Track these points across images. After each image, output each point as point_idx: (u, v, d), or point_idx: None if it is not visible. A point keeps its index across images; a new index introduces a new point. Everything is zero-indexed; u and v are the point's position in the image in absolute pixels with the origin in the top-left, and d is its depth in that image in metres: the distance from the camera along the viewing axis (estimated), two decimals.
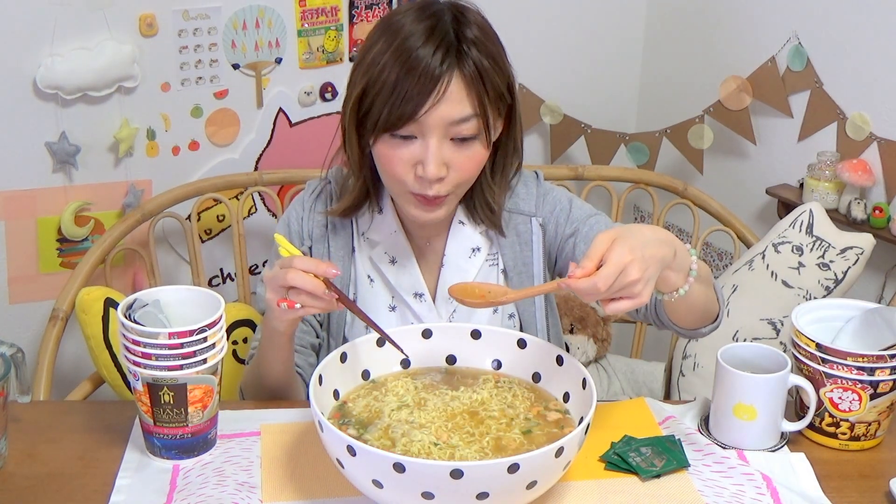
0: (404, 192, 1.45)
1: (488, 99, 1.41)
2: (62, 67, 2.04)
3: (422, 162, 1.40)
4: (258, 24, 2.26)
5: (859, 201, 2.22)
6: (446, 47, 1.38)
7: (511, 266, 1.58)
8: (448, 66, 1.38)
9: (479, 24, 1.44)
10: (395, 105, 1.38)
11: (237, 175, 2.23)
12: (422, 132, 1.40)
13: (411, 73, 1.37)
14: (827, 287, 2.07)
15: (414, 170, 1.42)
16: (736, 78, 2.46)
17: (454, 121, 1.39)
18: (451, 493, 1.11)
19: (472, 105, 1.40)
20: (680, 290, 1.30)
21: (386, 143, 1.42)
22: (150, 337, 1.27)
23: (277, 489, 1.28)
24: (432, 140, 1.39)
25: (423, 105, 1.37)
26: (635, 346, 2.40)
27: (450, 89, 1.38)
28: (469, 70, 1.39)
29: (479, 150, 1.44)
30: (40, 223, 2.15)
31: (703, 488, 1.30)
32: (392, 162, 1.42)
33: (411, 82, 1.37)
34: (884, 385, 1.36)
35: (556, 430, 1.28)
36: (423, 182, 1.42)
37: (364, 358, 1.37)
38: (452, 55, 1.38)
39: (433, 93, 1.37)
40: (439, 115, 1.38)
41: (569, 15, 2.68)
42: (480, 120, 1.41)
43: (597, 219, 1.56)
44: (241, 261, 2.21)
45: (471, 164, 1.44)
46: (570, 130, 2.65)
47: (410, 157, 1.41)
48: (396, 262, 1.57)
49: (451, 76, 1.38)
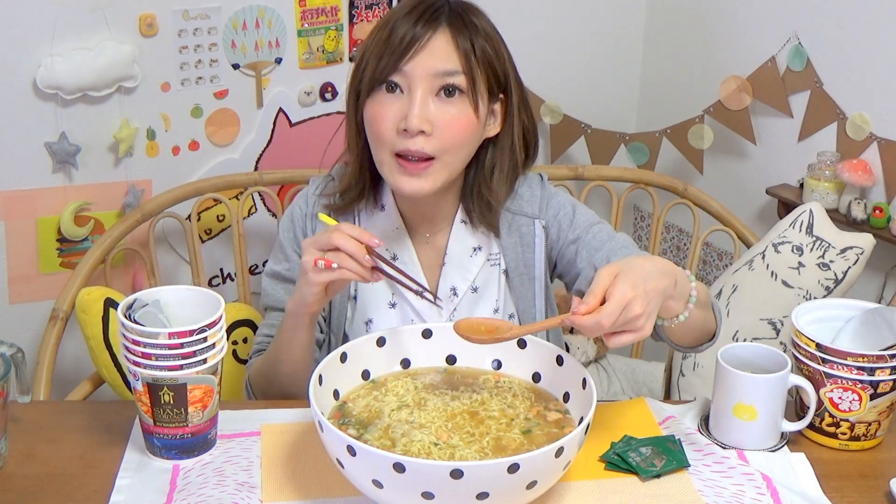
0: (390, 158, 1.45)
1: (475, 59, 1.44)
2: (62, 67, 2.04)
3: (406, 116, 1.42)
4: (258, 24, 2.26)
5: (859, 201, 2.22)
6: (434, 9, 1.44)
7: (513, 267, 1.58)
8: (436, 23, 1.43)
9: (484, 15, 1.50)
10: (383, 57, 1.42)
11: (237, 175, 2.23)
12: (407, 85, 1.43)
13: (398, 29, 1.43)
14: (827, 287, 2.07)
15: (398, 126, 1.43)
16: (736, 78, 2.46)
17: (438, 72, 1.42)
18: (451, 493, 1.11)
19: (458, 60, 1.43)
20: (680, 316, 1.33)
21: (375, 100, 1.45)
22: (150, 337, 1.27)
23: (277, 489, 1.28)
24: (417, 92, 1.42)
25: (406, 53, 1.41)
26: (635, 346, 2.40)
27: (434, 40, 1.43)
28: (457, 27, 1.44)
29: (465, 110, 1.45)
30: (40, 223, 2.15)
31: (703, 488, 1.30)
32: (378, 119, 1.44)
33: (398, 35, 1.42)
34: (884, 385, 1.36)
35: (556, 430, 1.28)
36: (406, 136, 1.43)
37: (364, 358, 1.37)
38: (443, 16, 1.44)
39: (417, 41, 1.42)
40: (424, 64, 1.42)
41: (569, 15, 2.68)
42: (467, 78, 1.44)
43: (599, 227, 1.57)
44: (241, 261, 2.21)
45: (456, 124, 1.44)
46: (570, 130, 2.65)
47: (397, 113, 1.43)
48: (398, 259, 1.57)
49: (435, 30, 1.43)
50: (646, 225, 2.89)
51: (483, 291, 1.58)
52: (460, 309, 1.56)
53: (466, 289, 1.57)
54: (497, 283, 1.58)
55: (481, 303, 1.58)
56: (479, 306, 1.58)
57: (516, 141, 1.53)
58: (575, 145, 2.67)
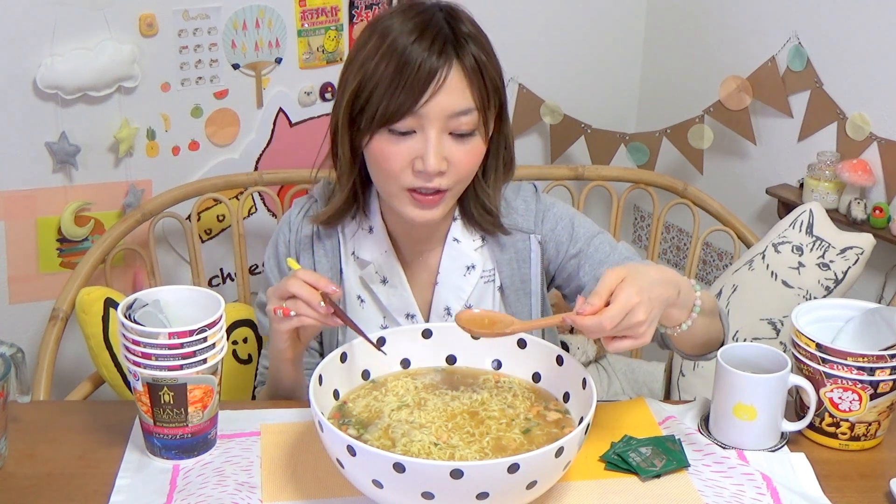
0: (401, 191, 1.41)
1: (486, 92, 1.40)
2: (62, 67, 2.04)
3: (421, 156, 1.37)
4: (258, 24, 2.26)
5: (859, 201, 2.22)
6: (443, 40, 1.36)
7: (508, 283, 1.56)
8: (447, 57, 1.36)
9: (472, 21, 1.43)
10: (394, 97, 1.35)
11: (237, 175, 2.23)
12: (421, 125, 1.37)
13: (409, 65, 1.34)
14: (827, 287, 2.07)
15: (412, 165, 1.39)
16: (736, 78, 2.46)
17: (454, 113, 1.37)
18: (451, 493, 1.11)
19: (472, 97, 1.38)
20: (683, 325, 1.33)
21: (383, 138, 1.38)
22: (150, 337, 1.27)
23: (277, 489, 1.28)
24: (432, 132, 1.37)
25: (422, 95, 1.34)
26: None
27: (449, 79, 1.36)
28: (468, 62, 1.37)
29: (477, 145, 1.42)
30: (40, 223, 2.15)
31: (703, 488, 1.30)
32: (389, 158, 1.39)
33: (410, 73, 1.34)
34: (884, 385, 1.36)
35: (556, 430, 1.28)
36: (422, 177, 1.39)
37: (364, 358, 1.37)
38: (451, 47, 1.36)
39: (433, 82, 1.35)
40: (439, 106, 1.36)
41: (569, 15, 2.68)
42: (480, 113, 1.39)
43: (600, 239, 1.55)
44: (241, 261, 2.21)
45: (470, 159, 1.41)
46: (570, 130, 2.65)
47: (409, 152, 1.38)
48: (388, 283, 1.54)
49: (450, 67, 1.36)
50: (646, 225, 2.89)
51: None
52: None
53: (460, 307, 1.53)
54: (492, 300, 1.56)
55: None
56: None
57: (509, 142, 1.51)
58: (575, 145, 2.67)
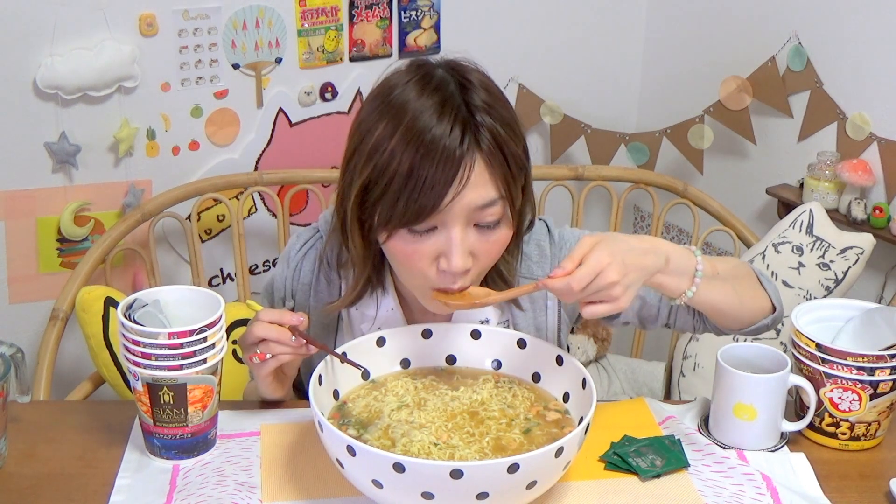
0: (424, 287, 1.31)
1: (511, 176, 1.27)
2: (62, 67, 2.04)
3: (445, 254, 1.26)
4: (258, 24, 2.26)
5: (859, 201, 2.22)
6: (462, 125, 1.22)
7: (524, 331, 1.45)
8: (467, 146, 1.22)
9: (485, 85, 1.29)
10: (413, 197, 1.21)
11: (237, 175, 2.23)
12: (444, 222, 1.24)
13: (428, 159, 1.21)
14: (827, 287, 2.07)
15: (436, 263, 1.27)
16: (736, 78, 2.46)
17: (478, 206, 1.24)
18: (451, 493, 1.11)
19: (496, 187, 1.25)
20: (687, 292, 1.29)
21: (403, 238, 1.26)
22: (150, 337, 1.27)
23: (277, 489, 1.28)
24: (455, 230, 1.24)
25: (445, 195, 1.21)
26: (635, 346, 2.40)
27: (473, 173, 1.22)
28: (488, 146, 1.23)
29: (504, 233, 1.30)
30: (40, 223, 2.15)
31: (703, 488, 1.30)
32: (412, 258, 1.27)
33: (429, 169, 1.21)
34: (884, 385, 1.36)
35: (556, 430, 1.28)
36: (447, 276, 1.27)
37: (364, 358, 1.37)
38: (470, 133, 1.22)
39: (455, 180, 1.21)
40: (464, 203, 1.23)
41: (569, 15, 2.68)
42: (506, 201, 1.27)
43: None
44: (241, 261, 2.21)
45: (496, 248, 1.30)
46: (570, 130, 2.65)
47: (432, 250, 1.26)
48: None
49: (472, 158, 1.22)
50: (646, 225, 2.89)
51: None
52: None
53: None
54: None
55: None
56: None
57: (533, 204, 1.40)
58: (575, 145, 2.67)
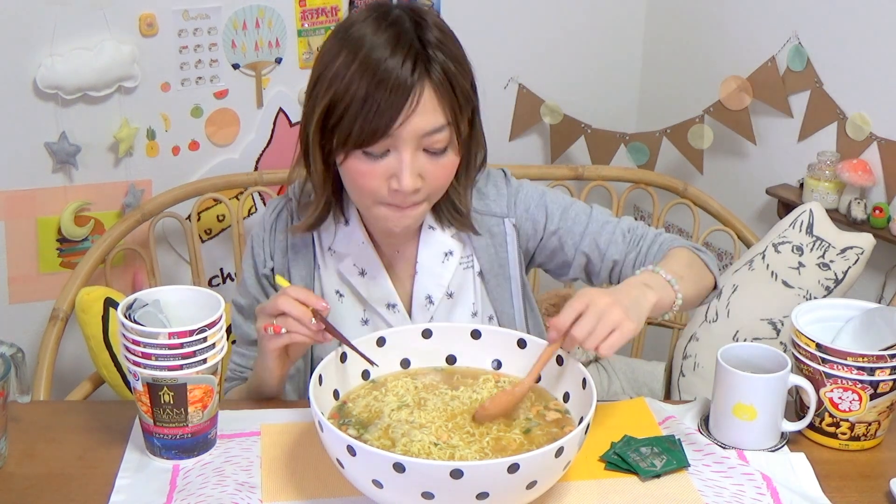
0: (376, 205, 1.42)
1: (458, 105, 1.39)
2: (62, 67, 2.04)
3: (396, 175, 1.37)
4: (258, 24, 2.26)
5: (859, 201, 2.22)
6: (414, 56, 1.35)
7: (487, 268, 1.56)
8: (418, 75, 1.34)
9: (439, 25, 1.41)
10: (368, 120, 1.34)
11: (237, 175, 2.23)
12: (395, 146, 1.37)
13: (381, 86, 1.33)
14: (827, 287, 2.07)
15: (388, 183, 1.39)
16: (736, 78, 2.46)
17: (427, 132, 1.36)
18: (451, 493, 1.11)
19: (444, 114, 1.37)
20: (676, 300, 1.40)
21: (357, 158, 1.38)
22: (150, 337, 1.27)
23: (277, 489, 1.28)
24: (406, 153, 1.36)
25: (396, 119, 1.34)
26: (635, 346, 2.40)
27: (422, 100, 1.35)
28: (437, 77, 1.36)
29: (451, 159, 1.42)
30: (40, 223, 2.15)
31: (703, 488, 1.30)
32: (365, 177, 1.39)
33: (382, 95, 1.33)
34: (884, 385, 1.36)
35: (556, 430, 1.28)
36: (398, 195, 1.39)
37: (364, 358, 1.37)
38: (421, 64, 1.35)
39: (406, 105, 1.34)
40: (413, 127, 1.35)
41: (569, 15, 2.68)
42: (452, 128, 1.39)
43: (575, 209, 1.57)
44: (241, 261, 2.21)
45: (444, 173, 1.42)
46: (570, 130, 2.65)
47: (384, 171, 1.38)
48: (366, 274, 1.54)
49: (422, 86, 1.35)
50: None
51: (459, 296, 1.55)
52: (437, 316, 1.54)
53: (442, 295, 1.54)
54: (472, 286, 1.56)
55: (458, 308, 1.55)
56: (456, 311, 1.55)
57: (481, 141, 1.51)
58: (575, 145, 2.67)
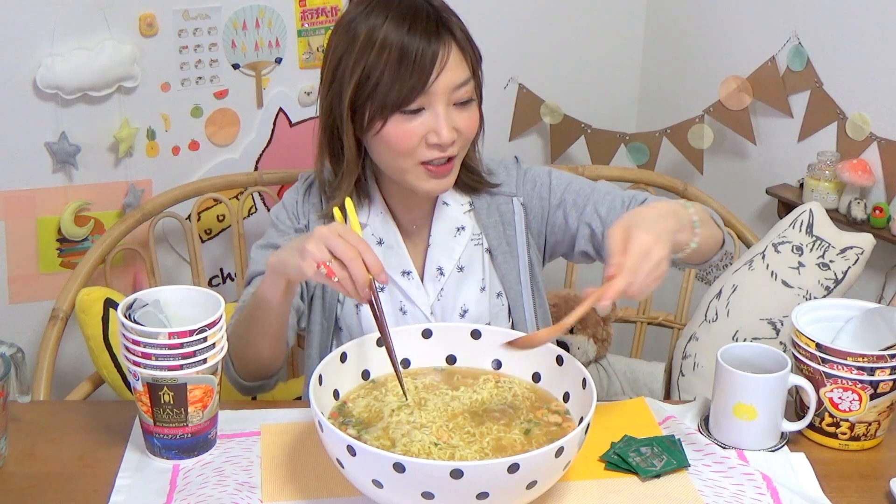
0: (416, 167, 1.50)
1: (474, 59, 1.53)
2: (62, 67, 2.04)
3: (434, 129, 1.47)
4: (258, 24, 2.26)
5: (859, 201, 2.22)
6: (435, 19, 1.47)
7: (495, 245, 1.63)
8: (442, 36, 1.47)
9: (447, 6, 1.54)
10: (405, 80, 1.44)
11: (237, 175, 2.23)
12: (429, 102, 1.47)
13: (411, 52, 1.44)
14: (827, 287, 2.07)
15: (424, 140, 1.48)
16: (736, 78, 2.46)
17: (456, 85, 1.48)
18: (451, 493, 1.11)
19: (469, 67, 1.50)
20: (691, 243, 1.37)
21: (396, 121, 1.47)
22: (150, 337, 1.27)
23: (277, 489, 1.28)
24: (440, 106, 1.47)
25: (430, 77, 1.45)
26: (635, 346, 2.40)
27: (451, 55, 1.47)
28: (459, 34, 1.50)
29: (476, 110, 1.54)
30: (40, 223, 2.15)
31: (703, 488, 1.30)
32: (405, 138, 1.48)
33: (415, 59, 1.44)
34: (884, 385, 1.36)
35: (556, 430, 1.28)
36: (437, 149, 1.49)
37: (364, 358, 1.37)
38: (443, 25, 1.48)
39: (437, 63, 1.45)
40: (445, 81, 1.46)
41: (569, 15, 2.68)
42: (475, 81, 1.53)
43: (577, 183, 1.65)
44: (241, 261, 2.21)
45: (473, 124, 1.53)
46: (570, 130, 2.65)
47: (421, 128, 1.48)
48: (384, 243, 1.61)
49: (448, 44, 1.47)
50: None
51: (468, 270, 1.62)
52: (447, 288, 1.60)
53: (452, 268, 1.61)
54: (481, 262, 1.63)
55: (467, 281, 1.61)
56: (466, 284, 1.61)
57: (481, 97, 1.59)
58: (575, 145, 2.67)
